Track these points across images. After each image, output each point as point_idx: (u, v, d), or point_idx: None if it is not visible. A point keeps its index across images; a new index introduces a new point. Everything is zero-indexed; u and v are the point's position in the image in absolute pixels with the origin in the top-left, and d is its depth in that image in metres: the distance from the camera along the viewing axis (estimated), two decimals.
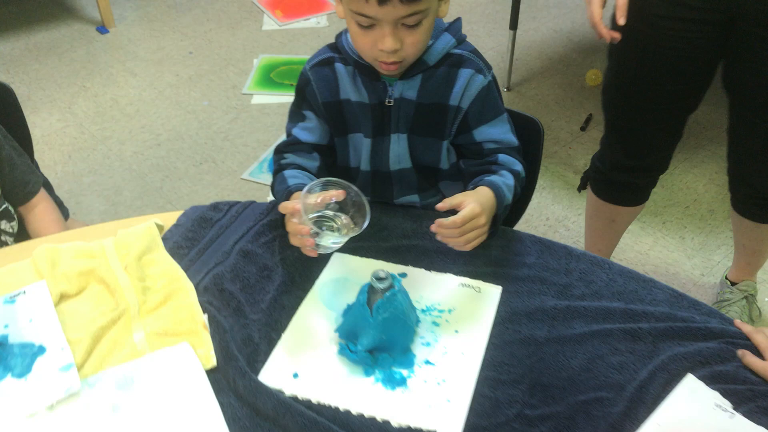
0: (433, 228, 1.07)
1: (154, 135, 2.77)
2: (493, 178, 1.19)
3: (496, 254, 1.20)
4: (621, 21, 1.39)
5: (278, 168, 1.27)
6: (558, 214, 2.36)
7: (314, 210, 1.08)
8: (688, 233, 2.28)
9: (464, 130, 1.25)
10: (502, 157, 1.24)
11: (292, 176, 1.22)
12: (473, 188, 1.16)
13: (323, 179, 1.08)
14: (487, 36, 3.34)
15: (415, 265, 1.18)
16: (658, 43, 1.47)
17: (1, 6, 3.66)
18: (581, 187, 2.37)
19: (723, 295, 1.98)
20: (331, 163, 1.33)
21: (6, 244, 1.42)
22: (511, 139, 1.27)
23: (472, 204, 1.07)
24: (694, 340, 1.05)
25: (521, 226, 2.27)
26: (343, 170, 1.34)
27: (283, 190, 1.19)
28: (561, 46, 3.26)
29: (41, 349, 1.04)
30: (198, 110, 2.91)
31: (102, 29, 3.46)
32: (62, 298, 1.13)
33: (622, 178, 1.73)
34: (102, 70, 3.18)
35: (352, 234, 1.08)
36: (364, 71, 1.21)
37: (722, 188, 2.44)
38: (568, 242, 2.21)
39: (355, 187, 1.08)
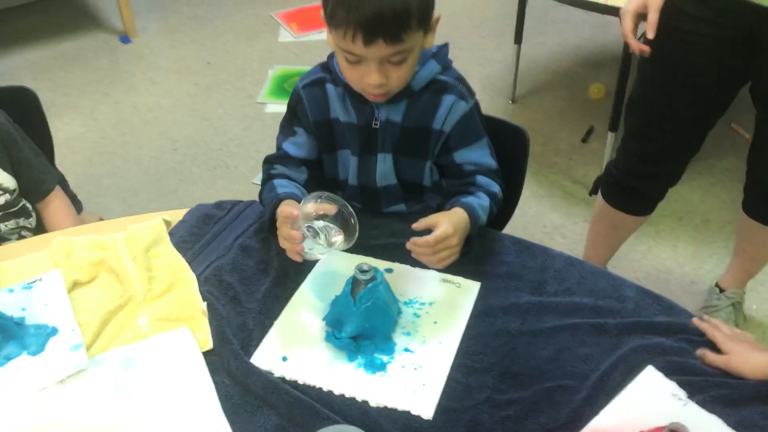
0: (409, 246, 1.16)
1: (171, 141, 2.89)
2: (469, 199, 1.26)
3: (478, 253, 1.28)
4: (650, 35, 1.48)
5: (267, 177, 1.35)
6: (555, 222, 2.43)
7: (307, 219, 1.15)
8: (681, 242, 2.34)
9: (445, 152, 1.33)
10: (481, 179, 1.31)
11: (281, 185, 1.30)
12: (449, 208, 1.23)
13: (319, 192, 1.15)
14: (495, 49, 3.42)
15: (402, 261, 1.26)
16: (683, 56, 1.54)
17: (30, 16, 3.82)
18: (592, 192, 2.42)
19: (711, 301, 2.04)
20: (319, 176, 1.40)
21: (25, 238, 1.53)
22: (490, 162, 1.33)
23: (446, 225, 1.15)
24: (656, 334, 1.12)
25: (519, 232, 2.35)
26: (331, 183, 1.41)
27: (272, 197, 1.26)
28: (566, 61, 3.34)
29: (54, 330, 1.14)
30: (213, 118, 3.02)
31: (125, 39, 3.60)
32: (75, 285, 1.24)
33: (633, 185, 1.79)
34: (124, 79, 3.30)
35: (338, 248, 1.15)
36: (353, 93, 1.28)
37: (717, 200, 2.50)
38: (563, 249, 2.27)
39: (348, 207, 1.15)
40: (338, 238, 1.16)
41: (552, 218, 2.45)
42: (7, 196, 1.49)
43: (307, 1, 3.95)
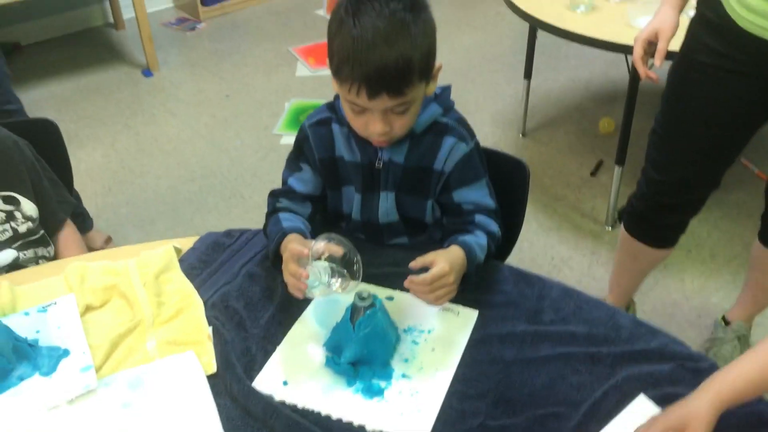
0: (406, 284, 1.18)
1: (188, 171, 2.97)
2: (467, 238, 1.28)
3: (477, 281, 1.31)
4: (657, 63, 1.53)
5: (273, 210, 1.39)
6: (563, 255, 2.46)
7: (315, 259, 1.18)
8: (688, 276, 2.36)
9: (445, 191, 1.36)
10: (479, 218, 1.34)
11: (285, 219, 1.34)
12: (447, 246, 1.26)
13: (328, 234, 1.19)
14: (506, 84, 3.48)
15: (402, 290, 1.28)
16: (703, 90, 1.57)
17: (56, 50, 3.95)
18: (618, 220, 2.43)
19: (716, 333, 2.04)
20: (322, 210, 1.45)
21: None
22: (488, 202, 1.36)
23: (442, 264, 1.17)
24: (649, 363, 1.15)
25: (527, 264, 2.38)
26: (336, 216, 1.46)
27: (277, 231, 1.30)
28: (577, 95, 3.39)
29: (66, 352, 1.18)
30: (230, 149, 3.10)
31: (147, 73, 3.71)
32: (87, 309, 1.29)
33: (652, 216, 1.81)
34: (145, 111, 3.41)
35: (339, 292, 1.19)
36: (357, 134, 1.31)
37: (725, 234, 2.51)
38: (571, 281, 2.32)
39: (355, 251, 1.18)
40: (340, 281, 1.19)
41: (560, 250, 2.47)
42: (29, 224, 1.55)
43: (324, 37, 4.03)
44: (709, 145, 1.64)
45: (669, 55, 1.62)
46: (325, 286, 1.18)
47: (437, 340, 1.21)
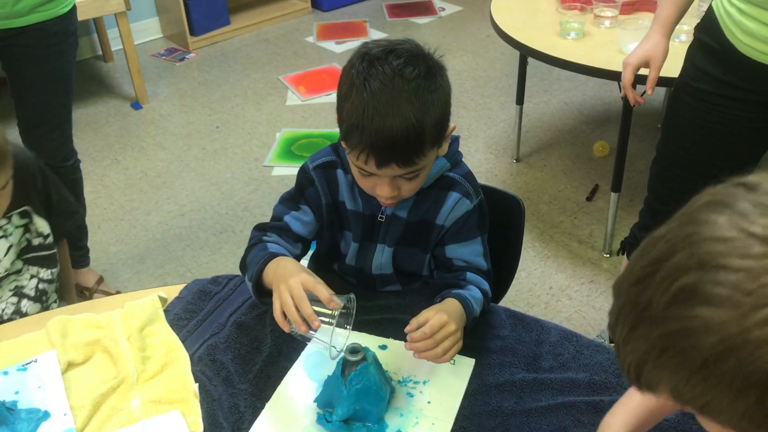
0: (407, 347, 1.10)
1: (178, 206, 2.92)
2: (461, 291, 1.23)
3: (473, 326, 1.27)
4: (650, 92, 1.52)
5: (258, 241, 1.31)
6: (561, 284, 2.42)
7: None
8: None
9: (438, 244, 1.32)
10: (470, 276, 1.29)
11: (272, 246, 1.28)
12: (440, 301, 1.20)
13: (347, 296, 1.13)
14: (499, 109, 3.46)
15: (396, 338, 1.26)
16: (705, 117, 1.54)
17: None
18: (620, 251, 2.40)
19: None
20: (303, 254, 1.37)
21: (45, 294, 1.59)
22: (481, 262, 1.31)
23: (439, 314, 1.10)
24: None
25: (524, 294, 2.34)
26: (329, 258, 1.42)
27: (264, 255, 1.22)
28: (571, 118, 3.37)
29: (46, 415, 1.13)
30: (221, 182, 3.06)
31: (136, 105, 3.68)
32: (69, 366, 1.24)
33: None
34: (134, 144, 3.37)
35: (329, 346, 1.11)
36: None
37: None
38: (570, 311, 2.28)
39: (351, 308, 1.14)
40: (339, 340, 1.15)
41: (557, 279, 2.43)
42: (41, 240, 1.58)
43: (315, 65, 4.03)
44: (711, 174, 1.60)
45: (659, 81, 1.60)
46: (324, 342, 1.11)
47: (433, 391, 1.16)
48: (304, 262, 1.35)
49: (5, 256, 1.52)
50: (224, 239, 2.72)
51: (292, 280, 1.10)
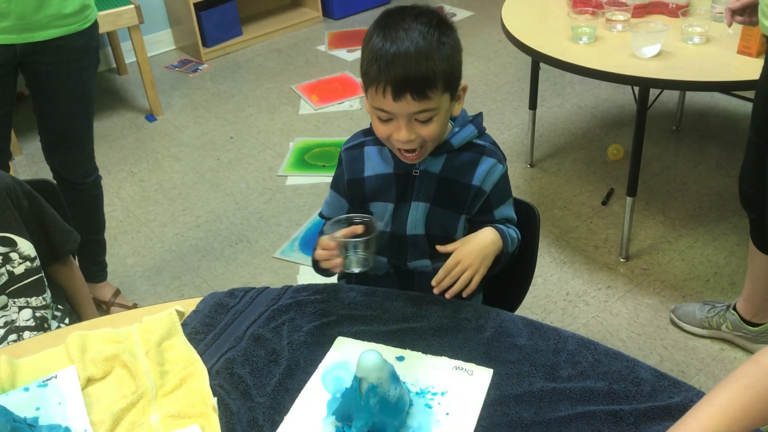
0: (436, 291, 1.30)
1: (194, 217, 2.94)
2: (496, 225, 1.39)
3: (490, 336, 1.27)
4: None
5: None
6: (578, 289, 2.40)
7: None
8: None
9: (486, 211, 1.42)
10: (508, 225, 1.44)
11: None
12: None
13: (346, 216, 1.31)
14: (512, 114, 3.45)
15: (413, 348, 1.26)
16: None
17: None
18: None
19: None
20: None
21: (46, 320, 1.57)
22: (514, 216, 1.47)
23: (453, 254, 1.30)
24: (672, 420, 1.09)
25: (541, 301, 2.33)
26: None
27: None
28: (584, 122, 3.35)
29: (67, 431, 1.14)
30: (236, 192, 3.08)
31: (150, 117, 3.71)
32: (89, 381, 1.24)
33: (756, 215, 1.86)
34: (149, 156, 3.39)
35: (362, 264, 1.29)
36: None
37: (743, 260, 2.45)
38: (587, 317, 2.27)
39: (371, 221, 1.29)
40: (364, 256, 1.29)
41: (574, 285, 2.42)
42: (28, 264, 1.54)
43: (327, 74, 4.05)
44: None
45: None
46: (354, 256, 1.28)
47: (451, 403, 1.16)
48: None
49: None
50: (240, 249, 2.73)
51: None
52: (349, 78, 3.95)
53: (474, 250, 1.31)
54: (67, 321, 1.66)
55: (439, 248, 1.33)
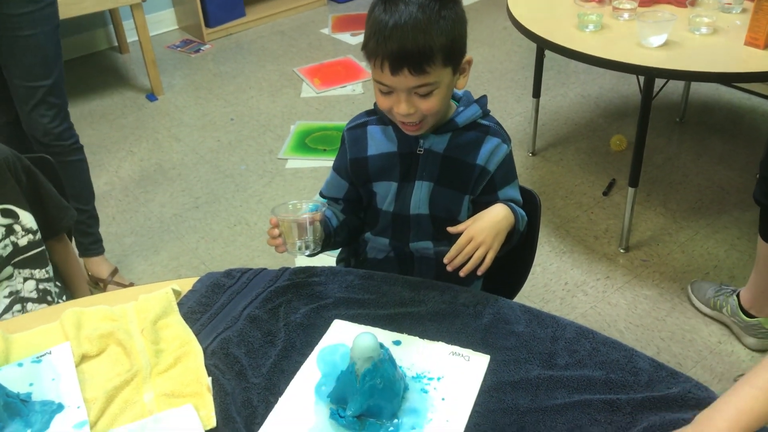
0: (449, 268, 1.28)
1: (193, 198, 2.93)
2: (507, 202, 1.38)
3: (487, 322, 1.26)
4: None
5: None
6: (577, 279, 2.39)
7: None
8: None
9: (490, 191, 1.42)
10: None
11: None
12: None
13: (297, 200, 1.33)
14: (515, 102, 3.43)
15: (410, 332, 1.25)
16: None
17: None
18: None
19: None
20: (354, 209, 1.53)
21: (49, 293, 1.56)
22: (519, 197, 1.46)
23: (465, 232, 1.27)
24: (670, 411, 1.08)
25: (539, 290, 2.32)
26: (371, 210, 1.50)
27: None
28: (588, 112, 3.34)
29: (60, 407, 1.13)
30: (235, 174, 3.06)
31: (151, 97, 3.69)
32: (83, 358, 1.24)
33: None
34: (149, 136, 3.38)
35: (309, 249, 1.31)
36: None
37: (744, 254, 2.44)
38: (585, 307, 2.26)
39: (319, 208, 1.30)
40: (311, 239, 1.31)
41: (573, 275, 2.41)
42: (30, 237, 1.53)
43: (330, 57, 4.02)
44: None
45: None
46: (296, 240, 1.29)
47: (447, 388, 1.15)
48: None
49: None
50: (238, 231, 2.71)
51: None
52: (352, 62, 3.93)
53: (486, 226, 1.29)
54: (64, 298, 1.66)
55: (450, 229, 1.31)
